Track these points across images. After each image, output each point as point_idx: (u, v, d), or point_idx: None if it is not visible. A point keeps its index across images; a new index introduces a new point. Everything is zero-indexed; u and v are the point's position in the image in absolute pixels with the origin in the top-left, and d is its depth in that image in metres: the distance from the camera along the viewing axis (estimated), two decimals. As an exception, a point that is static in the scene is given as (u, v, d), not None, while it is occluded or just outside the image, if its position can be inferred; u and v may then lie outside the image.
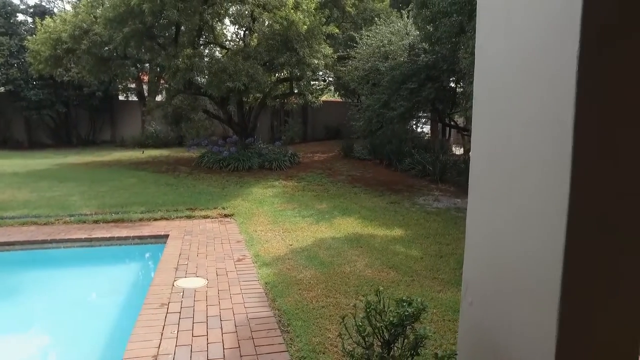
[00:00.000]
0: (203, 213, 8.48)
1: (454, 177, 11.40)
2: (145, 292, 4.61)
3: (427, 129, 19.55)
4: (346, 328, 2.37)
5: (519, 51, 2.16)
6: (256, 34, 13.51)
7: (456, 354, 2.30)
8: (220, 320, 3.99)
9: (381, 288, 2.41)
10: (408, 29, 12.99)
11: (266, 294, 4.62)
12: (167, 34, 13.38)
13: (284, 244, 6.51)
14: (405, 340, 2.30)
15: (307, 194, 10.39)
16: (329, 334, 3.79)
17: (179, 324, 3.91)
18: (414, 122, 17.80)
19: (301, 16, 12.06)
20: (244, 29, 15.12)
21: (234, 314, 4.12)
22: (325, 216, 8.28)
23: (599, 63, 1.87)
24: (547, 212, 1.98)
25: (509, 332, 2.26)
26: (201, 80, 13.72)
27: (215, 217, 8.28)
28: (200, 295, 4.53)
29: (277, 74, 14.86)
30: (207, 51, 15.62)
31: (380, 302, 2.31)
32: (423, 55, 11.41)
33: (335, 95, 22.83)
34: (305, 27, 12.05)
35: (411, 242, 6.63)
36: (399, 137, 14.31)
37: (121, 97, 22.57)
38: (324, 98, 23.39)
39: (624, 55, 1.95)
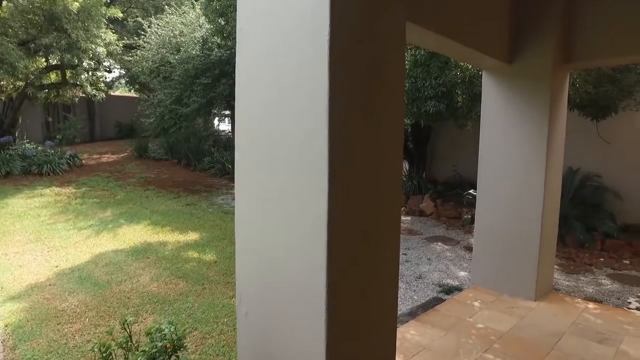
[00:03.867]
0: None
1: (255, 174, 11.44)
2: None
3: (230, 127, 19.36)
4: (83, 380, 1.82)
5: (278, 35, 1.99)
6: (9, 4, 10.79)
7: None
8: None
9: (130, 318, 1.93)
10: (200, 21, 12.42)
11: (3, 341, 3.52)
12: None
13: (48, 266, 5.25)
14: (167, 377, 1.89)
15: (88, 201, 8.84)
16: (94, 374, 3.07)
17: None
18: (211, 119, 17.33)
19: (71, -10, 10.17)
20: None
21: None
22: (108, 226, 7.13)
23: (347, 54, 1.83)
24: (311, 213, 1.87)
25: (286, 341, 2.11)
26: None
27: (-56, 243, 6.20)
28: None
29: (45, 59, 12.29)
30: None
31: (129, 336, 1.84)
32: (216, 50, 11.04)
33: (130, 89, 20.46)
34: (77, 4, 10.22)
35: (206, 245, 6.23)
36: (198, 135, 13.66)
37: None
38: (117, 93, 20.75)
39: (369, 52, 1.97)
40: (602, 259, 5.96)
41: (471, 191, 7.77)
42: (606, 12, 3.77)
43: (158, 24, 13.00)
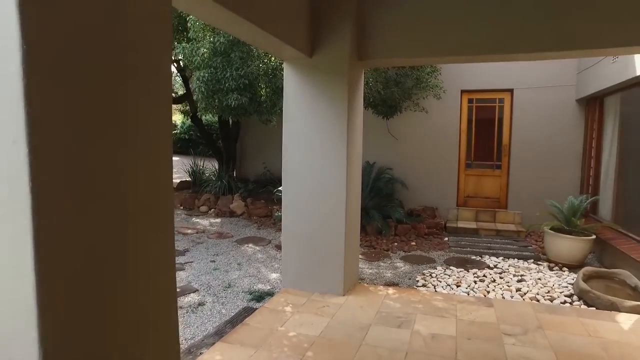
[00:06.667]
0: None
1: None
2: None
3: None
4: None
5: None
6: None
7: None
8: None
9: None
10: None
11: None
12: None
13: None
14: None
15: None
16: None
17: None
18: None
19: None
20: None
21: None
22: None
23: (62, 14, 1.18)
24: (8, 238, 1.15)
25: None
26: None
27: None
28: None
29: None
30: None
31: None
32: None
33: None
34: None
35: None
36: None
37: None
38: None
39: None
40: (396, 244, 6.59)
41: (281, 188, 7.71)
42: (389, 16, 3.97)
43: None
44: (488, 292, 4.69)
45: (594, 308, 4.24)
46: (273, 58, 5.75)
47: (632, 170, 5.92)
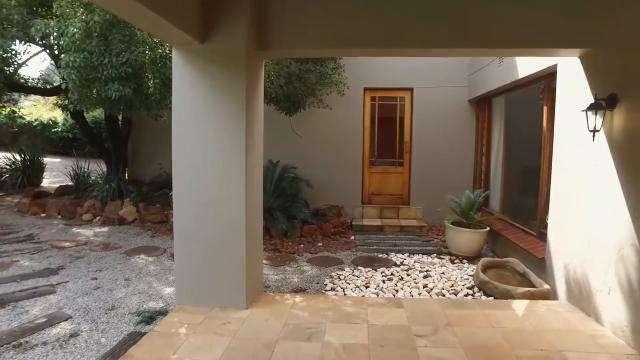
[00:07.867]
0: None
1: None
2: None
3: None
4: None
5: None
6: None
7: None
8: None
9: None
10: None
11: None
12: None
13: None
14: None
15: None
16: None
17: None
18: None
19: None
20: None
21: None
22: None
23: None
24: None
25: None
26: None
27: None
28: None
29: None
30: None
31: None
32: None
33: None
34: None
35: None
36: None
37: None
38: None
39: None
40: (302, 245, 6.33)
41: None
42: (291, 3, 3.67)
43: None
44: (397, 291, 4.64)
45: (493, 297, 4.39)
46: (163, 44, 5.09)
47: (514, 165, 6.38)
